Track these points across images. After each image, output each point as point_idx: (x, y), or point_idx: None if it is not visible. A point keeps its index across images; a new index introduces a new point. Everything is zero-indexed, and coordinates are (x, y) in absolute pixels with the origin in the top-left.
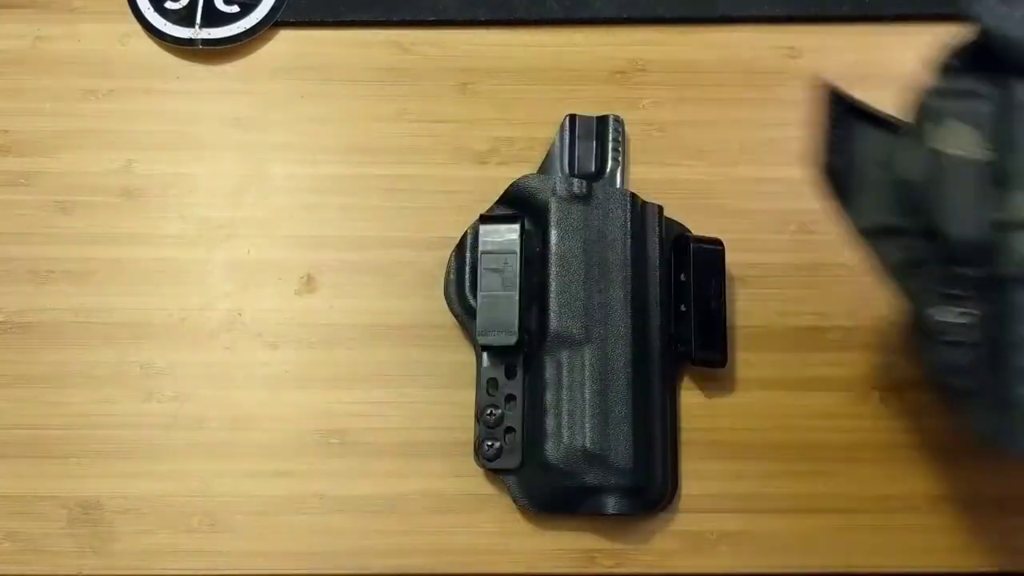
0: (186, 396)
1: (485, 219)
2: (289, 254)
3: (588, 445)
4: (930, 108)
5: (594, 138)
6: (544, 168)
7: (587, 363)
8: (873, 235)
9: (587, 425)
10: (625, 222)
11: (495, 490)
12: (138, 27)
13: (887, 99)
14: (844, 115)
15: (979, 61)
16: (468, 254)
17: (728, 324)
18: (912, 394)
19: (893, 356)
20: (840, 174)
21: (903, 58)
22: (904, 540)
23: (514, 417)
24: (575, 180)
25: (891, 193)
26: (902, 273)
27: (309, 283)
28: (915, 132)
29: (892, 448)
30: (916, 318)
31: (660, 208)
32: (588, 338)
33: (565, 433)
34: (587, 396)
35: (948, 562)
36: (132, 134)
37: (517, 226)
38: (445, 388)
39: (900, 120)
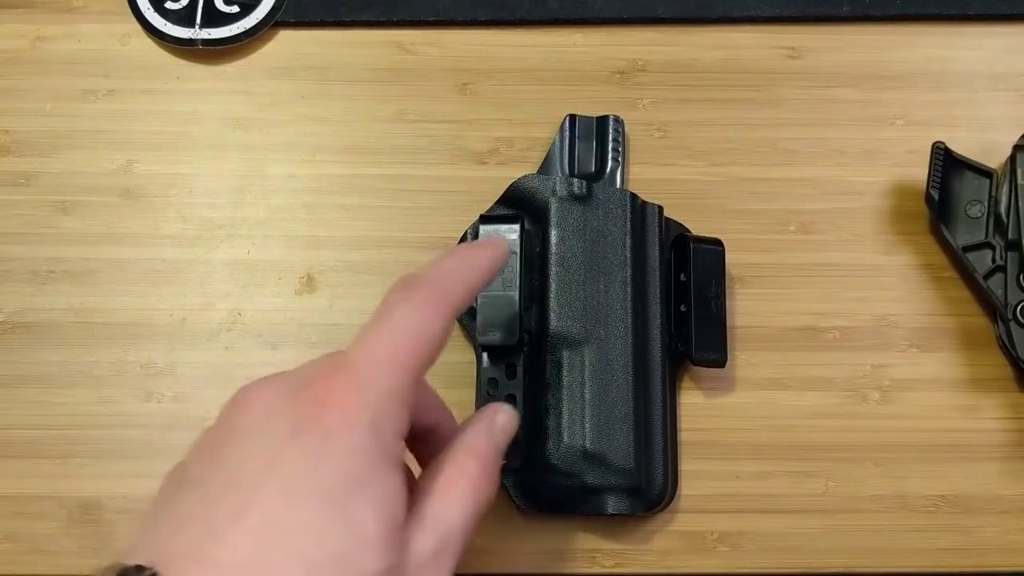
0: (186, 396)
1: (485, 219)
2: (289, 254)
3: (588, 445)
4: (1018, 158)
5: (594, 138)
6: (544, 168)
7: (587, 363)
8: (969, 249)
9: (587, 425)
10: (625, 222)
11: None
12: (138, 27)
13: (888, 99)
14: (946, 162)
15: None
16: None
17: (728, 324)
18: (912, 394)
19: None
20: (940, 204)
21: (903, 58)
22: (904, 540)
23: None
24: (575, 180)
25: (983, 218)
26: (989, 276)
27: (309, 283)
28: (1006, 175)
29: (892, 448)
30: (1002, 309)
31: (660, 208)
32: (588, 338)
33: (565, 433)
34: (587, 396)
35: (948, 562)
36: (132, 134)
37: (517, 226)
38: (445, 388)
39: (989, 167)
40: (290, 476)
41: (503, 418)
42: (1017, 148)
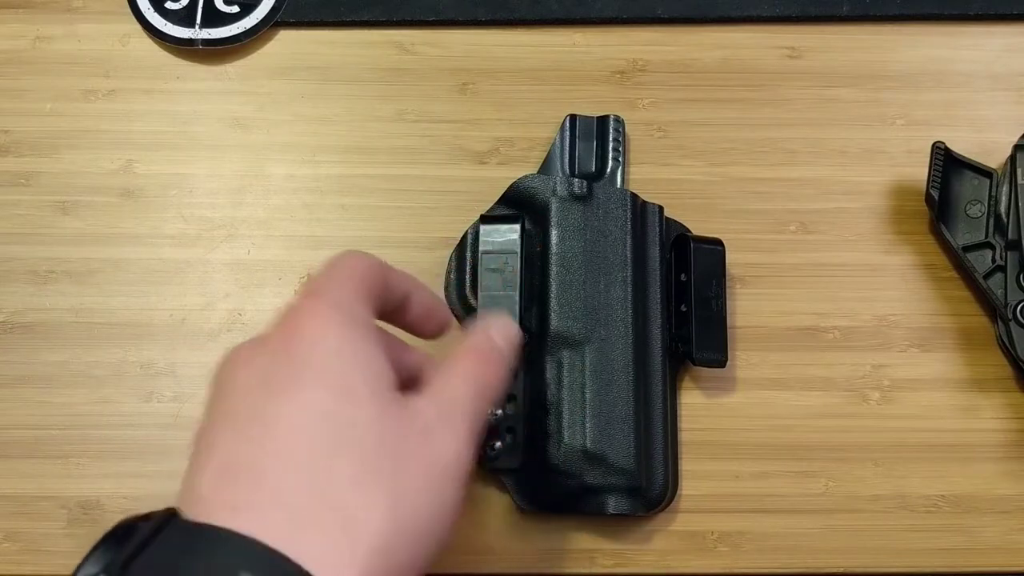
0: (186, 396)
1: (485, 219)
2: (289, 254)
3: (588, 445)
4: (1018, 158)
5: (594, 138)
6: (544, 168)
7: (587, 363)
8: (969, 249)
9: (587, 425)
10: (625, 222)
11: (495, 490)
12: (138, 27)
13: (888, 99)
14: (946, 161)
15: None
16: (468, 254)
17: (728, 324)
18: (912, 394)
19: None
20: (940, 204)
21: (903, 58)
22: (904, 540)
23: (514, 417)
24: (575, 180)
25: (983, 218)
26: (989, 276)
27: None
28: (1006, 175)
29: (892, 448)
30: (1002, 309)
31: (660, 208)
32: (588, 338)
33: (565, 433)
34: (587, 396)
35: (948, 562)
36: (132, 134)
37: (517, 226)
38: None
39: (989, 167)
40: (269, 377)
41: (498, 323)
42: (1017, 148)
